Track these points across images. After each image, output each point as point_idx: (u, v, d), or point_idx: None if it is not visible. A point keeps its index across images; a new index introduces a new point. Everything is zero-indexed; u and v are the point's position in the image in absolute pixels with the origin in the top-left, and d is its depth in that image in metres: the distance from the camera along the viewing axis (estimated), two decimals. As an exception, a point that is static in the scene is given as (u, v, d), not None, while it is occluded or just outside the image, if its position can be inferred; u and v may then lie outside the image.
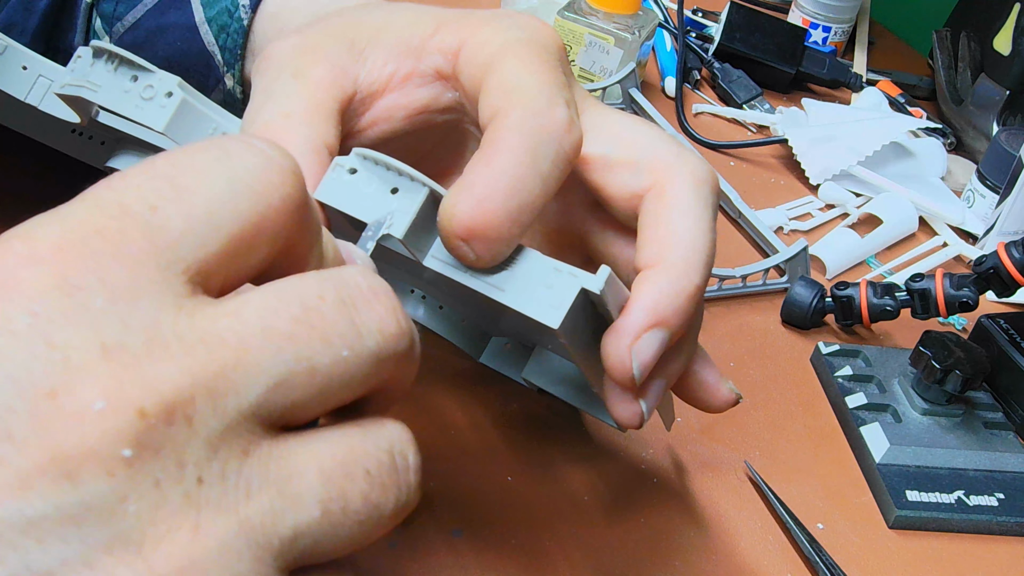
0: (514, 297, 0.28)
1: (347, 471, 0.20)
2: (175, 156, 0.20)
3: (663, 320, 0.29)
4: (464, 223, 0.27)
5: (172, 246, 0.19)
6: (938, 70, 0.82)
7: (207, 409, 0.18)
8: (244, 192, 0.20)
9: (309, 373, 0.19)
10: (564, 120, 0.29)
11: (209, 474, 0.18)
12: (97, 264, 0.18)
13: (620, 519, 0.40)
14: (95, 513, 0.17)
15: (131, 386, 0.17)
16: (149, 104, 0.31)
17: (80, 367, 0.17)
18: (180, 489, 0.18)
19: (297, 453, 0.19)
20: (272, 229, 0.20)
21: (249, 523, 0.18)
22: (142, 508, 0.17)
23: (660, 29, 0.81)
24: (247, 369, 0.18)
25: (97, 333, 0.18)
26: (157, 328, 0.18)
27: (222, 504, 0.18)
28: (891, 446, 0.45)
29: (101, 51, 0.32)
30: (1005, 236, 0.62)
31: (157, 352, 0.18)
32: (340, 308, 0.20)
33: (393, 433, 0.21)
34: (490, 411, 0.44)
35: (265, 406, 0.19)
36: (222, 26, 0.42)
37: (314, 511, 0.19)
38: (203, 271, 0.19)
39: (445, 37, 0.32)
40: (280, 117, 0.30)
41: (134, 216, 0.19)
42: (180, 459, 0.18)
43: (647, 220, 0.31)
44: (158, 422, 0.17)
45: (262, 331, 0.19)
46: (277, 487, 0.19)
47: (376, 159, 0.28)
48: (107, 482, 0.17)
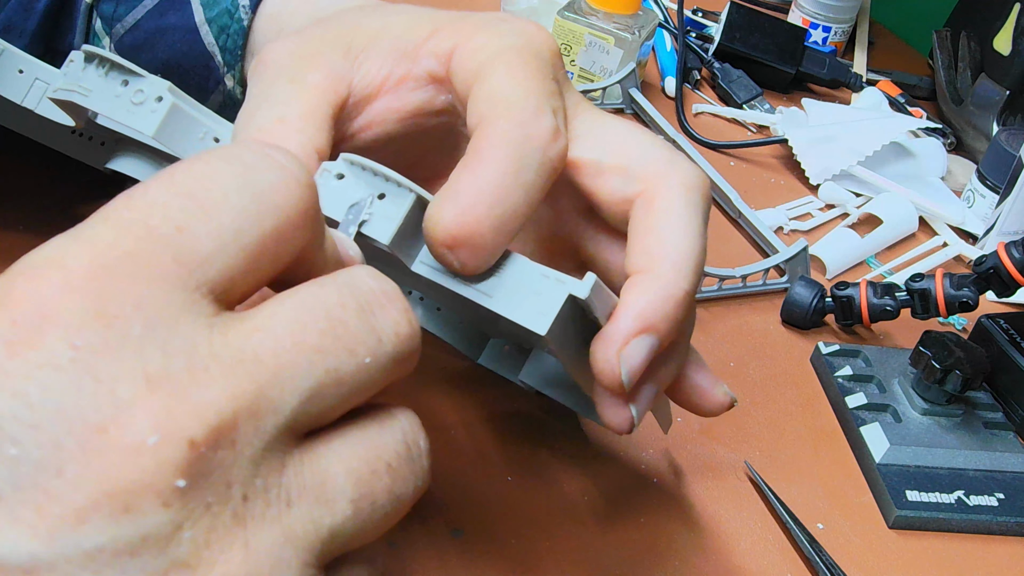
0: (502, 303, 0.28)
1: (372, 468, 0.21)
2: (195, 169, 0.20)
3: (651, 326, 0.29)
4: (449, 231, 0.27)
5: (201, 266, 0.19)
6: (938, 70, 0.82)
7: (249, 429, 0.19)
8: (268, 209, 0.20)
9: (337, 384, 0.20)
10: (549, 129, 0.29)
11: (253, 491, 0.19)
12: (130, 290, 0.18)
13: (619, 520, 0.40)
14: (152, 543, 0.17)
15: (180, 416, 0.18)
16: (139, 109, 0.31)
17: (128, 400, 0.18)
18: (229, 509, 0.18)
19: (326, 457, 0.20)
20: (291, 240, 0.21)
21: (292, 531, 0.19)
22: (196, 533, 0.18)
23: (660, 29, 0.81)
24: (283, 386, 0.19)
25: (140, 363, 0.18)
26: (195, 351, 0.18)
27: (267, 517, 0.19)
28: (891, 446, 0.45)
29: (92, 55, 0.32)
30: (1005, 236, 0.62)
31: (199, 377, 0.18)
32: (360, 316, 0.21)
33: (405, 423, 0.22)
34: (489, 412, 0.44)
35: (299, 419, 0.20)
36: (222, 27, 0.42)
37: (347, 511, 0.20)
38: (227, 288, 0.20)
39: (440, 41, 0.32)
40: (275, 122, 0.30)
41: (162, 238, 0.19)
42: (227, 480, 0.18)
43: (637, 226, 0.31)
44: (207, 450, 0.18)
45: (294, 346, 0.20)
46: (313, 493, 0.20)
47: (363, 165, 0.28)
48: (163, 513, 0.17)
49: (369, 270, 0.22)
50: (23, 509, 0.17)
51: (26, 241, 0.19)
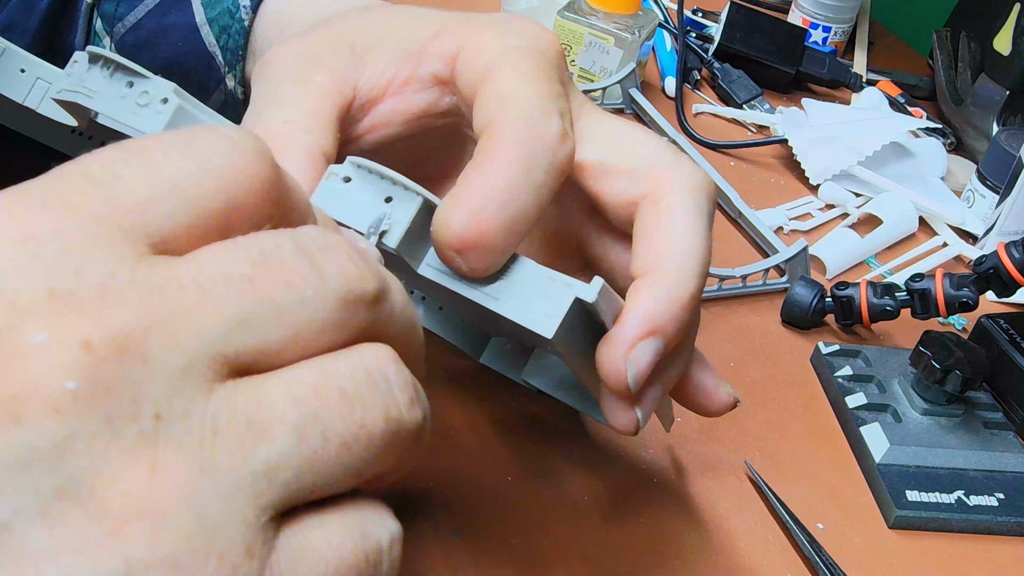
0: (509, 306, 0.28)
1: (320, 393, 0.19)
2: (144, 138, 0.20)
3: (658, 329, 0.29)
4: (457, 235, 0.27)
5: (135, 210, 0.19)
6: (938, 70, 0.82)
7: (164, 347, 0.18)
8: (211, 171, 0.19)
9: (275, 314, 0.19)
10: (558, 131, 0.29)
11: (169, 411, 0.17)
12: (53, 218, 0.18)
13: (620, 519, 0.40)
14: (44, 455, 0.16)
15: (78, 323, 0.17)
16: (145, 110, 0.31)
17: (25, 308, 0.17)
18: (135, 427, 0.17)
19: (265, 383, 0.19)
20: (244, 208, 0.20)
21: (215, 459, 0.18)
22: (92, 446, 0.17)
23: (660, 29, 0.81)
24: (207, 309, 0.18)
25: (46, 279, 0.17)
26: (112, 277, 0.18)
27: (184, 441, 0.17)
28: (891, 446, 0.45)
29: (97, 56, 0.32)
30: (1005, 236, 0.62)
31: (110, 297, 0.17)
32: (298, 254, 0.19)
33: (368, 353, 0.20)
34: (490, 411, 0.44)
35: (231, 345, 0.18)
36: (223, 27, 0.42)
37: (288, 439, 0.18)
38: (167, 239, 0.19)
39: (444, 42, 0.32)
40: (280, 124, 0.30)
41: (97, 182, 0.19)
42: (135, 396, 0.17)
43: (642, 227, 0.31)
44: (108, 356, 0.17)
45: (220, 274, 0.19)
46: (246, 419, 0.18)
47: (370, 168, 0.28)
48: (53, 419, 0.16)
49: (317, 228, 0.21)
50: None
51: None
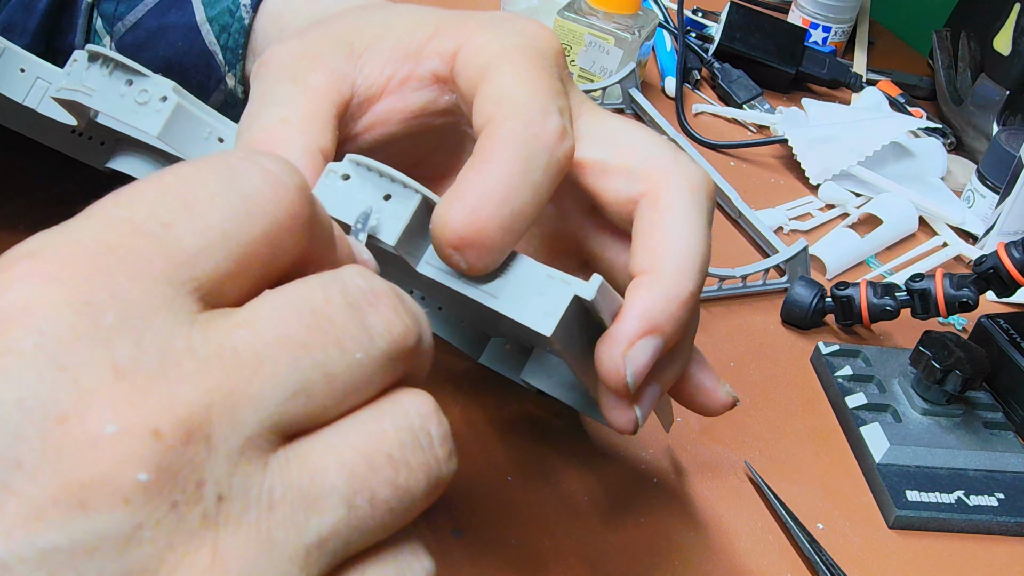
0: (507, 304, 0.28)
1: (368, 460, 0.19)
2: (184, 172, 0.20)
3: (657, 327, 0.29)
4: (456, 232, 0.27)
5: (186, 264, 0.18)
6: (938, 70, 0.82)
7: (226, 425, 0.17)
8: (256, 212, 0.19)
9: (327, 380, 0.19)
10: (557, 129, 0.29)
11: (230, 491, 0.17)
12: (107, 280, 0.17)
13: (619, 519, 0.40)
14: (110, 543, 0.16)
15: (145, 407, 0.17)
16: (144, 109, 0.31)
17: (91, 390, 0.17)
18: (199, 510, 0.17)
19: (316, 453, 0.19)
20: (282, 245, 0.20)
21: (272, 537, 0.18)
22: (159, 534, 0.17)
23: (660, 29, 0.81)
24: (264, 381, 0.18)
25: (109, 353, 0.17)
26: (171, 346, 0.17)
27: (243, 520, 0.17)
28: (891, 446, 0.45)
29: (96, 55, 0.32)
30: (1005, 236, 0.62)
31: (172, 371, 0.17)
32: (348, 312, 0.20)
33: (410, 407, 0.20)
34: (489, 411, 0.44)
35: (285, 416, 0.18)
36: (223, 26, 0.42)
37: (339, 510, 0.18)
38: (215, 289, 0.19)
39: (443, 41, 0.32)
40: (278, 123, 0.30)
41: (146, 233, 0.18)
42: (199, 479, 0.17)
43: (641, 226, 0.31)
44: (176, 443, 0.17)
45: (276, 341, 0.18)
46: (299, 493, 0.18)
47: (369, 165, 0.28)
48: (123, 510, 0.16)
49: (358, 268, 0.21)
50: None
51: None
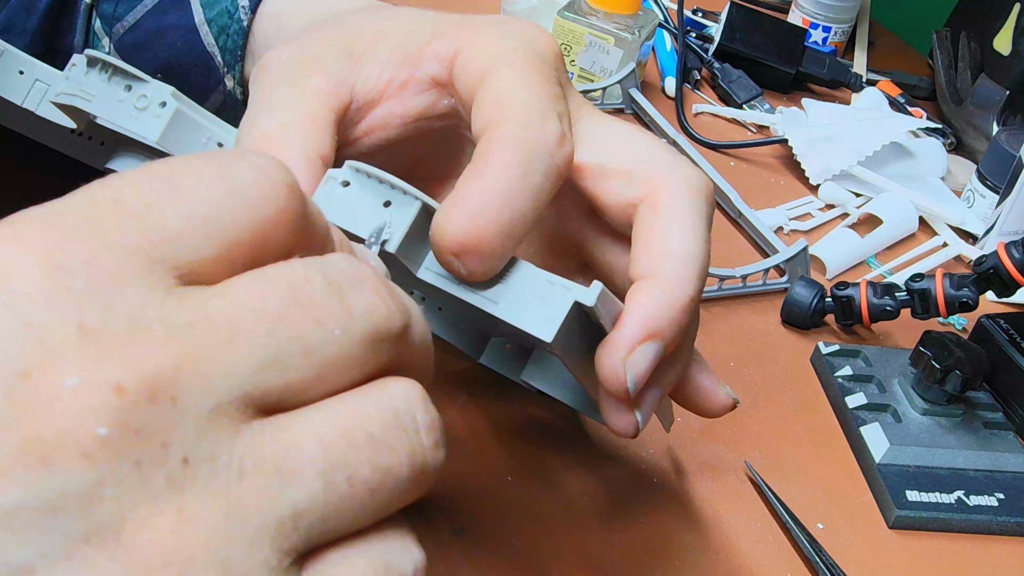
0: (508, 310, 0.28)
1: (348, 438, 0.19)
2: (173, 162, 0.20)
3: (657, 332, 0.29)
4: (456, 238, 0.27)
5: (166, 242, 0.18)
6: (938, 70, 0.82)
7: (194, 388, 0.17)
8: (241, 202, 0.19)
9: (304, 354, 0.19)
10: (556, 134, 0.29)
11: (197, 455, 0.17)
12: (83, 248, 0.17)
13: (620, 519, 0.40)
14: (72, 500, 0.16)
15: (109, 364, 0.17)
16: (143, 114, 0.31)
17: (57, 346, 0.16)
18: (163, 471, 0.17)
19: (293, 427, 0.18)
20: (268, 239, 0.20)
21: (241, 504, 0.17)
22: (121, 492, 0.16)
23: (660, 29, 0.81)
24: (237, 348, 0.18)
25: (77, 313, 0.17)
26: (142, 312, 0.17)
27: (211, 486, 0.17)
28: (891, 446, 0.45)
29: (95, 60, 0.32)
30: (1005, 236, 0.62)
31: (141, 335, 0.17)
32: (328, 290, 0.19)
33: (396, 392, 0.20)
34: (489, 412, 0.44)
35: (260, 386, 0.18)
36: (222, 27, 0.42)
37: (314, 484, 0.18)
38: (195, 271, 0.19)
39: (442, 44, 0.32)
40: (277, 127, 0.30)
41: (128, 211, 0.18)
42: (164, 440, 0.17)
43: (641, 230, 0.31)
44: (139, 399, 0.17)
45: (252, 311, 0.18)
46: (273, 463, 0.18)
47: (369, 172, 0.28)
48: (83, 465, 0.16)
49: (344, 256, 0.21)
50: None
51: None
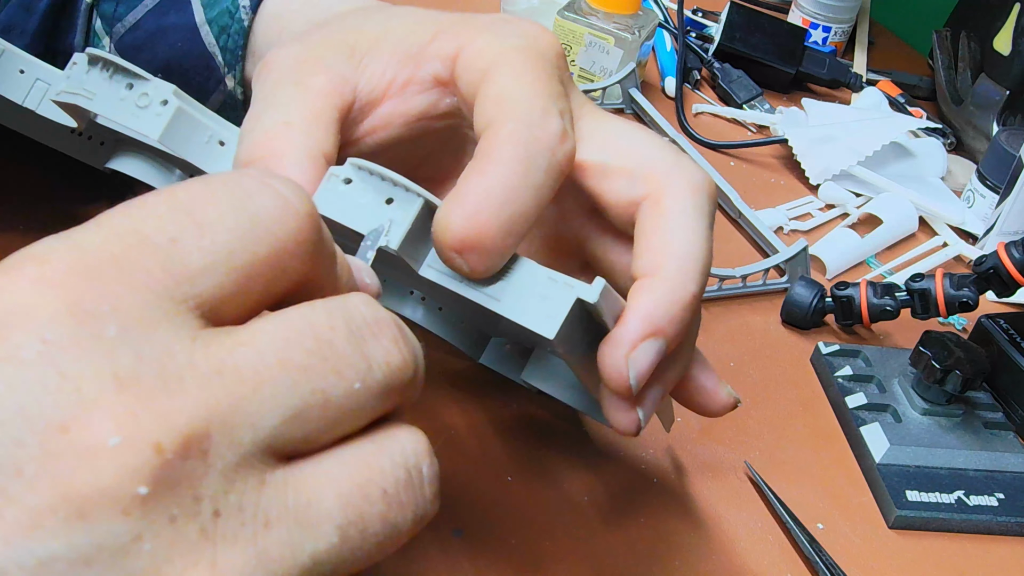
0: (509, 307, 0.28)
1: (364, 493, 0.20)
2: (195, 189, 0.20)
3: (659, 330, 0.29)
4: (458, 235, 0.27)
5: (189, 280, 0.19)
6: (938, 70, 0.82)
7: (223, 442, 0.18)
8: (263, 235, 0.20)
9: (323, 406, 0.19)
10: (557, 131, 0.29)
11: (226, 507, 0.18)
12: (111, 291, 0.18)
13: (620, 520, 0.40)
14: (108, 553, 0.16)
15: (146, 420, 0.17)
16: (144, 112, 0.31)
17: (93, 400, 0.17)
18: (196, 524, 0.17)
19: (313, 478, 0.19)
20: (285, 268, 0.20)
21: (267, 555, 0.18)
22: (157, 546, 0.17)
23: (660, 29, 0.81)
24: (263, 401, 0.18)
25: (110, 363, 0.17)
26: (172, 359, 0.18)
27: (240, 537, 0.18)
28: (891, 446, 0.45)
29: (96, 59, 0.32)
30: (1005, 236, 0.62)
31: (172, 384, 0.17)
32: (350, 340, 0.20)
33: (407, 446, 0.21)
34: (489, 412, 0.44)
35: (280, 438, 0.19)
36: (223, 27, 0.42)
37: (332, 537, 0.19)
38: (216, 307, 0.19)
39: (443, 43, 0.32)
40: (280, 126, 0.30)
41: (152, 246, 0.18)
42: (196, 494, 0.17)
43: (643, 228, 0.31)
44: (175, 457, 0.17)
45: (278, 363, 0.19)
46: (295, 515, 0.19)
47: (371, 169, 0.28)
48: (122, 521, 0.16)
49: (364, 297, 0.21)
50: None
51: (26, 241, 0.19)
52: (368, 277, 0.25)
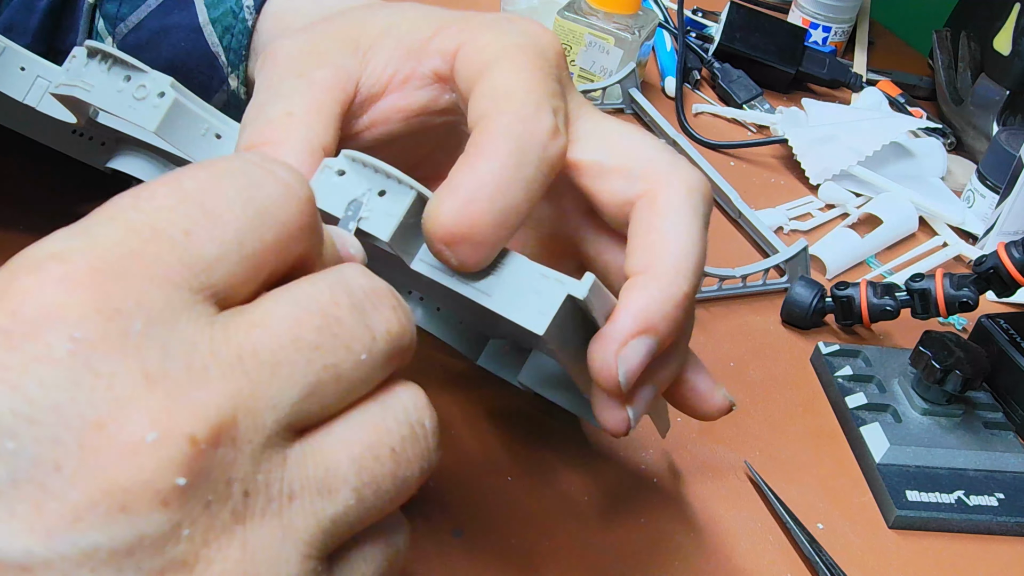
0: (500, 303, 0.28)
1: (375, 454, 0.21)
2: (201, 178, 0.20)
3: (650, 327, 0.29)
4: (447, 227, 0.27)
5: (206, 270, 0.19)
6: (938, 70, 0.82)
7: (249, 426, 0.19)
8: (270, 222, 0.21)
9: (335, 380, 0.20)
10: (549, 127, 0.29)
11: (255, 487, 0.19)
12: (134, 287, 0.18)
13: (620, 520, 0.40)
14: (150, 542, 0.17)
15: (179, 414, 0.18)
16: (142, 104, 0.31)
17: (127, 397, 0.17)
18: (229, 507, 0.18)
19: (328, 446, 0.20)
20: (288, 251, 0.21)
21: (292, 526, 0.19)
22: (195, 532, 0.18)
23: (660, 29, 0.81)
24: (281, 383, 0.19)
25: (139, 360, 0.18)
26: (195, 350, 0.19)
27: (267, 513, 0.19)
28: (891, 446, 0.45)
29: (95, 51, 0.32)
30: (1005, 236, 0.62)
31: (198, 376, 0.18)
32: (354, 313, 0.21)
33: (408, 402, 0.22)
34: (488, 413, 0.44)
35: (298, 415, 0.20)
36: (226, 27, 0.42)
37: (350, 499, 0.20)
38: (228, 293, 0.20)
39: (444, 39, 0.32)
40: (283, 116, 0.30)
41: (170, 241, 0.19)
42: (228, 478, 0.18)
43: (637, 227, 0.31)
44: (208, 447, 0.18)
45: (292, 343, 0.20)
46: (315, 485, 0.20)
47: (364, 161, 0.28)
48: (162, 512, 0.17)
49: (359, 268, 0.22)
50: (20, 505, 0.17)
51: (26, 241, 0.19)
52: (352, 248, 0.25)
